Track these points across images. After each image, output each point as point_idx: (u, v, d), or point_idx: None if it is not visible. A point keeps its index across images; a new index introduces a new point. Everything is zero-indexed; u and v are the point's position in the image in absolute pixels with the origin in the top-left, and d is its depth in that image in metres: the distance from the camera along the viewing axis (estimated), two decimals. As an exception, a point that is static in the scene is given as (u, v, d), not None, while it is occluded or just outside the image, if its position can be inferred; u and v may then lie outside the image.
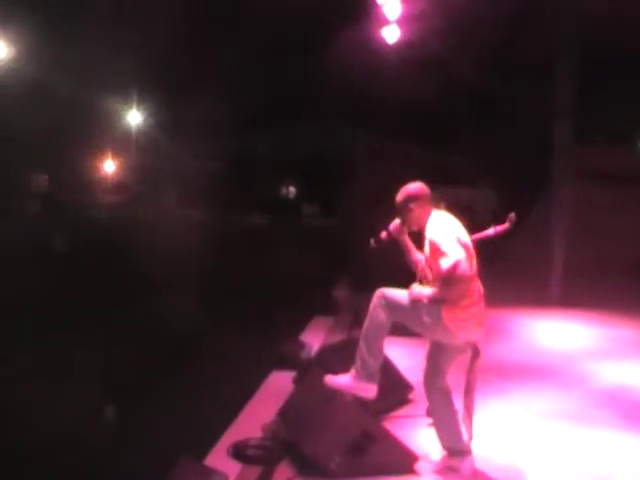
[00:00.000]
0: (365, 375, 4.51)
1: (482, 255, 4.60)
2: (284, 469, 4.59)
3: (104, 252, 18.74)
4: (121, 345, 9.76)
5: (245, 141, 39.22)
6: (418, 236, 4.62)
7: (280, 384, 6.35)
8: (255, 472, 4.60)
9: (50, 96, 34.26)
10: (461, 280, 4.19)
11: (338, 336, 8.02)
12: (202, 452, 4.90)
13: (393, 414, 5.62)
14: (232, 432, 5.28)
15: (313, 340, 8.15)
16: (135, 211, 34.14)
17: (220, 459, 4.71)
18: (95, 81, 36.20)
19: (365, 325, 4.54)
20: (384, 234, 4.76)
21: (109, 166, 46.85)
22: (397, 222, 4.73)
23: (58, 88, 34.17)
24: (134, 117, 46.41)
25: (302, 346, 7.55)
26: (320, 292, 11.25)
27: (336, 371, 4.73)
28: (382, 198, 5.47)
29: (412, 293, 4.41)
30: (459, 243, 4.30)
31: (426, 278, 4.55)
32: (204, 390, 7.35)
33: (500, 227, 5.14)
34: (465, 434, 4.53)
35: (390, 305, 4.46)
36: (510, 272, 12.75)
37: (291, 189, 47.75)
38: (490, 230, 5.13)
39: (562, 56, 11.72)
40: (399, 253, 4.81)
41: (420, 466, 4.59)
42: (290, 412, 5.12)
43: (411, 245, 4.79)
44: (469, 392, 4.52)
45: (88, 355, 9.11)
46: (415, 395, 5.85)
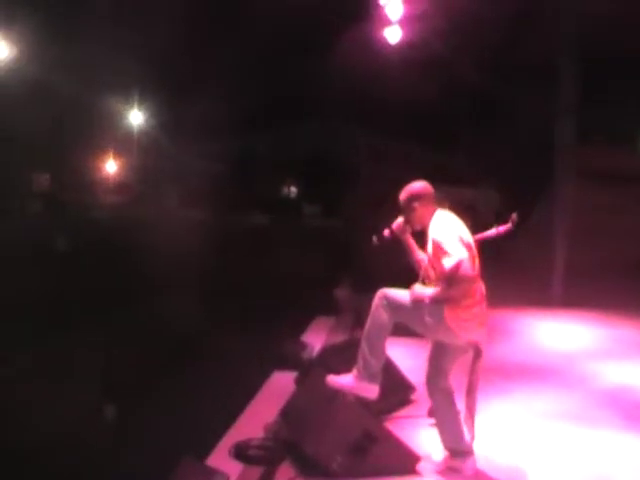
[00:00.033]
0: (367, 375, 4.50)
1: (484, 255, 4.59)
2: (286, 469, 4.59)
3: (105, 252, 18.75)
4: (121, 345, 9.77)
5: (246, 141, 39.25)
6: (421, 235, 4.62)
7: (282, 384, 6.35)
8: (257, 472, 4.60)
9: (52, 96, 34.31)
10: (463, 280, 4.19)
11: (340, 336, 8.02)
12: (204, 452, 4.90)
13: (395, 414, 5.62)
14: (234, 432, 5.28)
15: (315, 340, 8.15)
16: (136, 211, 34.16)
17: (222, 459, 4.71)
18: (97, 81, 36.25)
19: (367, 325, 4.54)
20: (387, 232, 4.77)
21: (110, 166, 46.89)
22: (400, 220, 4.73)
23: (60, 88, 34.20)
24: (135, 117, 46.46)
25: (304, 346, 7.55)
26: (322, 292, 11.25)
27: (338, 371, 4.73)
28: (385, 199, 5.47)
29: (414, 293, 4.40)
30: (462, 243, 4.30)
31: (428, 278, 4.55)
32: (205, 390, 7.35)
33: (502, 227, 5.13)
34: (467, 434, 4.53)
35: (392, 305, 4.46)
36: (512, 272, 12.74)
37: (292, 189, 47.75)
38: (492, 230, 5.12)
39: (563, 56, 11.72)
40: (401, 252, 4.81)
41: (422, 467, 4.59)
42: (292, 412, 5.12)
43: (414, 244, 4.79)
44: (471, 392, 4.52)
45: (88, 355, 9.11)
46: (417, 396, 5.84)
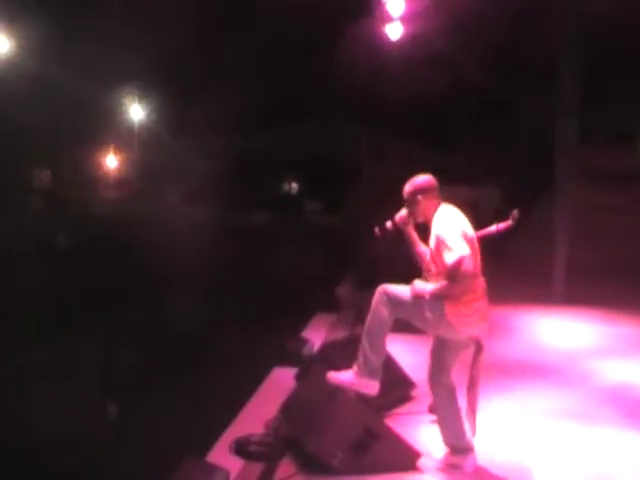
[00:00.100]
0: (367, 372, 4.50)
1: (485, 252, 4.59)
2: (286, 465, 4.59)
3: (106, 249, 18.76)
4: (122, 343, 9.78)
5: (248, 138, 39.22)
6: (424, 228, 4.62)
7: (282, 381, 6.35)
8: (257, 468, 4.60)
9: (52, 92, 34.29)
10: (465, 276, 4.19)
11: (340, 333, 8.00)
12: (204, 448, 4.90)
13: (395, 411, 5.61)
14: (234, 428, 5.28)
15: (315, 337, 8.15)
16: (137, 208, 34.14)
17: (222, 455, 4.70)
18: (98, 76, 36.21)
19: (367, 322, 4.53)
20: (389, 224, 4.77)
21: (111, 162, 46.89)
22: (403, 213, 4.73)
23: (60, 83, 34.19)
24: (136, 113, 46.46)
25: (304, 343, 7.54)
26: (323, 289, 11.24)
27: (338, 367, 4.72)
28: (386, 196, 5.47)
29: (414, 289, 4.40)
30: (465, 238, 4.30)
31: (430, 271, 4.54)
32: (206, 386, 7.36)
33: (503, 224, 5.12)
34: (468, 431, 4.52)
35: (392, 301, 4.45)
36: (513, 269, 12.77)
37: (293, 185, 47.72)
38: (493, 227, 5.11)
39: (564, 56, 11.71)
40: (403, 245, 4.81)
41: (422, 463, 4.58)
42: (292, 408, 5.11)
43: (416, 237, 4.78)
44: (472, 388, 4.51)
45: (89, 353, 9.12)
46: (417, 392, 5.84)
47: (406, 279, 4.51)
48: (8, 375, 8.02)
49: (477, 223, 4.70)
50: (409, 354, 6.48)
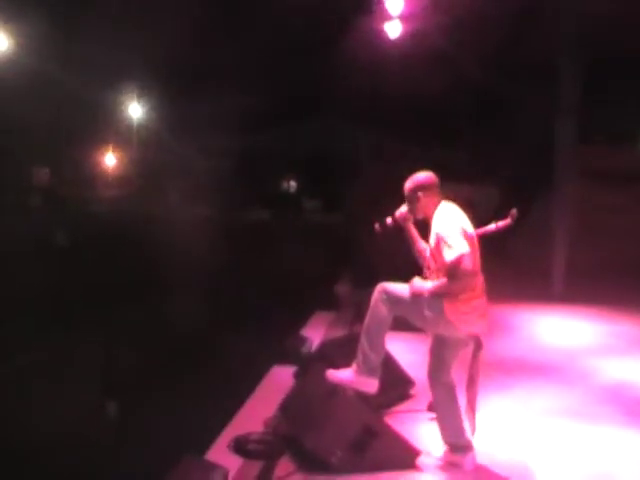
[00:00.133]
0: (366, 370, 4.49)
1: (485, 251, 4.59)
2: (285, 464, 4.58)
3: (104, 247, 18.74)
4: (121, 342, 9.78)
5: (247, 137, 39.19)
6: (424, 225, 4.61)
7: (281, 379, 6.35)
8: (256, 467, 4.59)
9: (52, 90, 34.25)
10: (465, 274, 4.19)
11: (340, 331, 8.01)
12: (203, 447, 4.89)
13: (394, 409, 5.62)
14: (233, 427, 5.27)
15: (314, 335, 8.14)
16: (136, 206, 34.11)
17: (221, 454, 4.70)
18: (97, 75, 36.17)
19: (366, 320, 4.53)
20: (389, 220, 4.76)
21: (110, 160, 46.84)
22: (403, 209, 4.72)
23: (59, 81, 34.15)
24: (136, 111, 46.41)
25: (303, 341, 7.54)
26: (322, 287, 11.24)
27: (337, 366, 4.72)
28: (385, 195, 5.46)
29: (413, 287, 4.39)
30: (465, 236, 4.30)
31: (429, 268, 4.53)
32: (205, 385, 7.36)
33: (502, 223, 5.12)
34: (467, 429, 4.52)
35: (391, 299, 4.45)
36: (512, 268, 12.76)
37: (292, 183, 47.66)
38: (491, 226, 5.10)
39: (564, 56, 11.71)
40: (403, 241, 4.80)
41: (422, 461, 4.58)
42: (291, 407, 5.11)
43: (416, 233, 4.77)
44: (472, 385, 4.50)
45: (89, 353, 9.12)
46: (416, 390, 5.85)
47: (406, 276, 4.51)
48: (8, 375, 8.02)
49: (476, 221, 4.69)
50: (408, 352, 6.48)
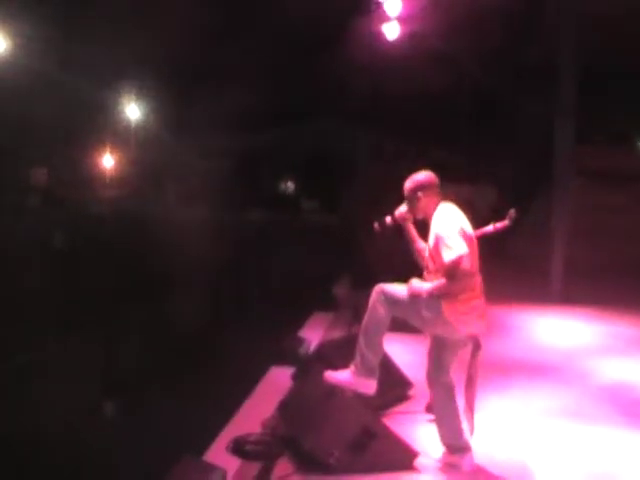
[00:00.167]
0: (365, 371, 4.49)
1: (483, 251, 4.58)
2: (283, 464, 4.57)
3: (104, 248, 18.73)
4: (122, 343, 9.78)
5: (245, 138, 39.19)
6: (422, 225, 4.61)
7: (279, 380, 6.34)
8: (254, 468, 4.58)
9: (51, 90, 34.21)
10: (464, 275, 4.19)
11: (338, 332, 8.00)
12: (201, 448, 4.89)
13: (392, 410, 5.61)
14: (231, 428, 5.27)
15: (312, 336, 8.13)
16: (134, 207, 34.09)
17: (219, 455, 4.69)
18: (96, 76, 36.15)
19: (365, 321, 4.52)
20: (389, 219, 4.76)
21: (108, 161, 46.80)
22: (403, 209, 4.71)
23: (59, 82, 34.12)
24: (134, 112, 46.38)
25: (301, 342, 7.54)
26: (320, 288, 11.23)
27: (336, 367, 4.72)
28: (384, 195, 5.46)
29: (411, 288, 4.39)
30: (464, 236, 4.30)
31: (428, 268, 4.53)
32: (203, 386, 7.35)
33: (500, 224, 5.12)
34: (466, 430, 4.51)
35: (389, 300, 4.44)
36: (511, 269, 12.76)
37: (290, 184, 47.63)
38: (490, 227, 5.11)
39: (563, 56, 11.72)
40: (402, 241, 4.80)
41: (420, 463, 4.57)
42: (290, 408, 5.10)
43: (415, 233, 4.77)
44: (470, 386, 4.50)
45: (89, 354, 9.12)
46: (414, 391, 5.84)
47: (404, 277, 4.50)
48: (8, 375, 8.01)
49: (475, 222, 4.69)
50: (406, 353, 6.48)
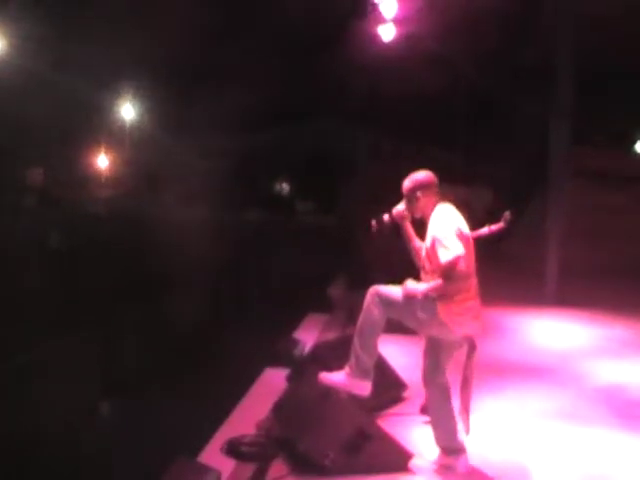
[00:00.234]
0: (359, 372, 4.48)
1: (479, 253, 4.58)
2: (278, 466, 4.57)
3: (102, 248, 18.71)
4: (122, 343, 9.77)
5: (242, 139, 39.17)
6: (420, 224, 4.61)
7: (274, 381, 6.34)
8: (249, 469, 4.58)
9: (46, 90, 34.16)
10: (460, 276, 4.19)
11: (333, 333, 8.00)
12: (196, 449, 4.88)
13: (387, 412, 5.60)
14: (226, 429, 5.26)
15: (307, 337, 8.14)
16: (131, 207, 34.07)
17: (214, 456, 4.69)
18: (93, 76, 36.09)
19: (359, 322, 4.51)
20: (386, 217, 4.75)
21: (104, 161, 46.74)
22: (400, 207, 4.71)
23: (55, 82, 34.07)
24: (130, 112, 46.32)
25: (296, 343, 7.54)
26: (315, 289, 11.23)
27: (331, 368, 4.71)
28: (380, 196, 5.46)
29: (406, 289, 4.38)
30: (461, 237, 4.30)
31: (424, 268, 4.53)
32: (198, 387, 7.35)
33: (495, 226, 5.12)
34: (461, 432, 4.51)
35: (384, 302, 4.44)
36: (506, 270, 12.78)
37: (284, 186, 47.60)
38: (485, 229, 5.10)
39: (560, 57, 11.74)
40: (399, 240, 4.79)
41: (415, 464, 4.57)
42: (284, 409, 5.10)
43: (412, 232, 4.77)
44: (466, 387, 4.49)
45: (89, 354, 9.12)
46: (409, 393, 5.84)
47: (401, 277, 4.50)
48: (8, 375, 8.00)
49: (470, 223, 4.69)
50: (401, 355, 6.49)
